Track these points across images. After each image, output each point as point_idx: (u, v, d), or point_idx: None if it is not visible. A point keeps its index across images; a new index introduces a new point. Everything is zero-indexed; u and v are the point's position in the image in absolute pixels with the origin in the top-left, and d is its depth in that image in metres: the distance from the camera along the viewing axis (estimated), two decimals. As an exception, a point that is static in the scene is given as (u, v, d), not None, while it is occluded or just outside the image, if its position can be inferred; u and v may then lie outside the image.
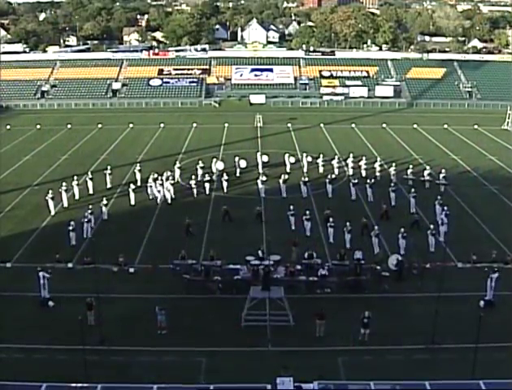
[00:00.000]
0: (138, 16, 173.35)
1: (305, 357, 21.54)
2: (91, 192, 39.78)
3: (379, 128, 62.12)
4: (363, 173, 43.28)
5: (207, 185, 40.09)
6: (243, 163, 44.59)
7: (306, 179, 40.51)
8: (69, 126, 62.91)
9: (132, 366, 21.15)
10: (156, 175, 39.79)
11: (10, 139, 57.04)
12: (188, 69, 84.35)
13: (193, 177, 40.27)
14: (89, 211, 33.90)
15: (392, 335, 23.02)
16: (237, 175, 44.05)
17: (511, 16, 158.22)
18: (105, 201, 35.92)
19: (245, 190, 40.90)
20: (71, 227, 31.73)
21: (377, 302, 25.34)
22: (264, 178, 40.15)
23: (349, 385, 18.96)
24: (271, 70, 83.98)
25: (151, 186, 39.01)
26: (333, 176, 41.33)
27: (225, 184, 40.40)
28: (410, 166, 43.15)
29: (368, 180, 40.00)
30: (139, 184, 40.76)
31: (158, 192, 38.14)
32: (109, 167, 42.62)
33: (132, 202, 38.00)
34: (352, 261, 27.58)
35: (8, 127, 62.62)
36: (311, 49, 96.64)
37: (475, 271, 27.88)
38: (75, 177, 40.08)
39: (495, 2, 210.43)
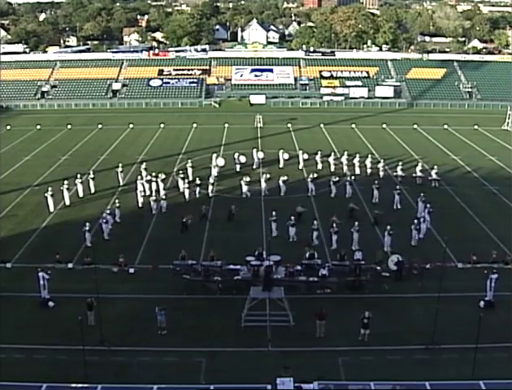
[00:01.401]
0: (138, 16, 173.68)
1: (305, 357, 21.53)
2: (92, 191, 39.82)
3: (379, 129, 62.08)
4: (357, 171, 43.57)
5: (198, 188, 39.53)
6: (243, 159, 45.29)
7: (285, 177, 40.42)
8: (69, 126, 62.88)
9: (132, 366, 21.13)
10: (149, 177, 39.66)
11: (11, 139, 57.04)
12: (189, 69, 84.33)
13: (187, 180, 39.99)
14: (108, 212, 33.85)
15: (392, 335, 23.02)
16: (238, 171, 44.34)
17: (511, 16, 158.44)
18: (117, 204, 35.40)
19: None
20: (87, 228, 31.36)
21: (377, 302, 25.34)
22: (248, 178, 40.28)
23: (349, 385, 18.97)
24: (271, 70, 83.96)
25: (142, 184, 38.81)
26: (315, 175, 41.31)
27: (210, 187, 40.00)
28: (400, 164, 43.51)
29: (348, 178, 40.45)
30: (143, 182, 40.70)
31: (154, 201, 36.71)
32: (120, 165, 42.64)
33: (140, 205, 37.59)
34: (352, 261, 27.61)
35: (8, 127, 62.62)
36: (311, 49, 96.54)
37: (475, 271, 27.90)
38: (79, 175, 40.05)
39: (495, 3, 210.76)
